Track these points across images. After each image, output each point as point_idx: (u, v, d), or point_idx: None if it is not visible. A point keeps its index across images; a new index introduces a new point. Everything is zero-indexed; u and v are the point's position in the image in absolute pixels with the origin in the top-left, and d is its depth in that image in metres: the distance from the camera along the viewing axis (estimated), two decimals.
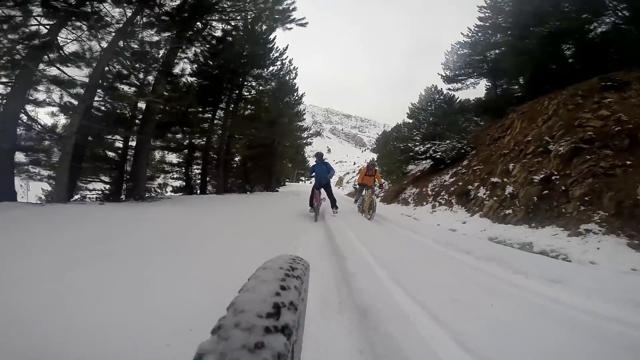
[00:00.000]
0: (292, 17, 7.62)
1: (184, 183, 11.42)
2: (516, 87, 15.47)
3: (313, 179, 7.90)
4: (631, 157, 4.96)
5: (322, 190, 7.68)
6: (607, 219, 4.27)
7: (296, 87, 15.38)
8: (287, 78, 13.85)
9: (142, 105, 7.92)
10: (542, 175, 5.88)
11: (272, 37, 11.15)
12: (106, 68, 6.56)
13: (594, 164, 5.27)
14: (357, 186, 9.73)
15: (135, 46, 6.84)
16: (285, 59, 12.27)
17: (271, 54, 11.23)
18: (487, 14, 16.29)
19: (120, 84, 7.38)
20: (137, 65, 6.95)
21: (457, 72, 16.83)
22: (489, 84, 16.48)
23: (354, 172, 53.36)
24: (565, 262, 3.68)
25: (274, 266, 0.58)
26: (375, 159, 13.98)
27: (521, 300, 2.32)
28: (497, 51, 15.43)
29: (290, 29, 7.95)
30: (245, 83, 10.45)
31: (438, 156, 11.51)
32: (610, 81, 7.55)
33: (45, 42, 5.44)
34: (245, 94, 10.82)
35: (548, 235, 4.65)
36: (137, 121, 8.22)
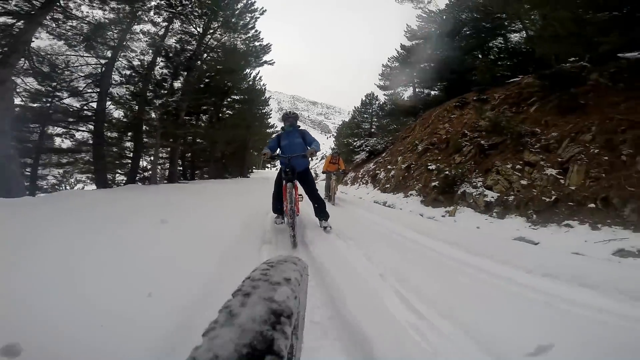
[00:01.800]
0: (264, 61, 11.55)
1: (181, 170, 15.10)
2: (437, 92, 20.36)
3: (277, 164, 4.86)
4: (441, 155, 9.56)
5: (296, 183, 4.06)
6: (420, 189, 8.80)
7: (265, 93, 19.23)
8: (258, 88, 17.63)
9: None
10: (406, 164, 10.43)
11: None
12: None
13: (427, 158, 9.86)
14: (324, 173, 9.45)
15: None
16: (258, 78, 16.26)
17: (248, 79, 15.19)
18: (415, 35, 20.85)
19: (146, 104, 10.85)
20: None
21: (390, 83, 21.43)
22: (414, 90, 21.27)
23: (317, 159, 57.37)
24: (392, 208, 8.13)
25: (271, 270, 0.56)
26: (337, 148, 18.16)
27: (372, 220, 6.54)
28: (422, 65, 20.09)
29: (261, 65, 11.88)
30: (228, 100, 14.25)
31: (368, 149, 16.03)
32: (461, 101, 12.26)
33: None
34: (227, 102, 14.65)
35: (397, 198, 9.14)
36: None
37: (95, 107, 10.07)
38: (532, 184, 5.44)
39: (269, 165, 50.66)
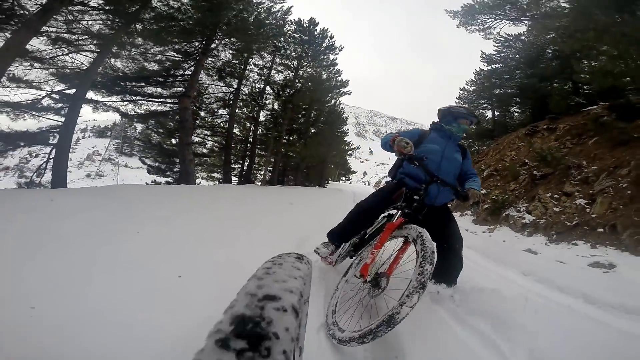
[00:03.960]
0: (343, 92, 14.01)
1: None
2: (513, 118, 20.09)
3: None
4: (502, 181, 10.38)
5: (420, 232, 1.79)
6: (475, 210, 9.83)
7: (343, 113, 21.81)
8: (337, 111, 20.26)
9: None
10: None
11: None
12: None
13: (489, 184, 10.75)
14: None
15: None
16: (338, 103, 19.10)
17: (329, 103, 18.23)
18: (492, 60, 21.03)
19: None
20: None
21: (468, 107, 21.86)
22: (493, 114, 21.28)
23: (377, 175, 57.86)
24: None
25: (276, 268, 0.57)
26: None
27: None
28: (498, 90, 20.14)
29: (342, 95, 14.29)
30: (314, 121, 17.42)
31: None
32: (531, 129, 12.62)
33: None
34: (312, 121, 17.78)
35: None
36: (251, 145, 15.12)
37: (226, 125, 13.76)
38: (562, 210, 6.39)
39: (342, 178, 53.45)
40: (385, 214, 2.43)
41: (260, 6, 10.99)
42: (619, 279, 3.93)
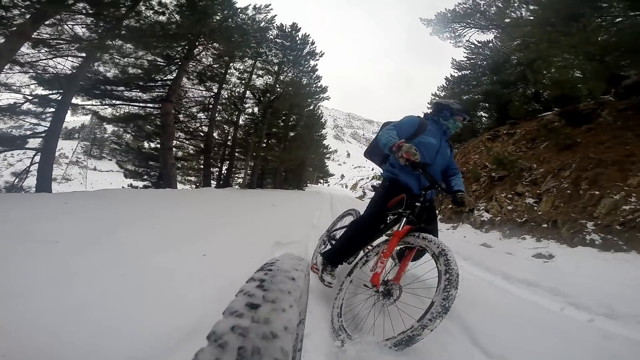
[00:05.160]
0: (322, 97, 14.64)
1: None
2: (479, 123, 21.45)
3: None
4: (465, 183, 11.27)
5: (445, 249, 1.78)
6: (442, 209, 10.62)
7: (322, 117, 22.49)
8: (316, 115, 20.86)
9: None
10: None
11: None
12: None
13: None
14: None
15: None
16: (317, 107, 19.72)
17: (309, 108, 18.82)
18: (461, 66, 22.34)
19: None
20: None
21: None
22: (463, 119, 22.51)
23: (368, 177, 59.09)
24: None
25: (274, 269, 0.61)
26: None
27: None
28: (466, 96, 21.45)
29: (321, 101, 14.92)
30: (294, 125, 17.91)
31: None
32: (493, 134, 13.68)
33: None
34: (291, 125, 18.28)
35: None
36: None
37: (204, 129, 13.92)
38: (514, 209, 7.22)
39: (321, 181, 54.14)
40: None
41: (245, 14, 11.37)
42: (553, 267, 4.68)
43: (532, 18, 12.30)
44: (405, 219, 2.04)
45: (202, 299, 1.84)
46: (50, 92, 6.73)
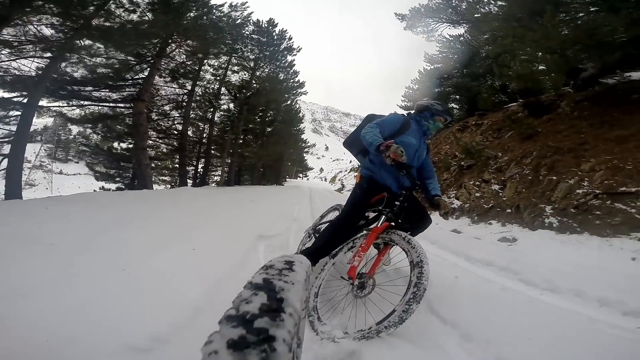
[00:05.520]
0: (300, 92, 14.73)
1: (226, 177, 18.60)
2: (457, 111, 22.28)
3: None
4: (437, 172, 11.78)
5: (423, 260, 1.83)
6: None
7: (300, 112, 22.56)
8: (294, 110, 20.91)
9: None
10: None
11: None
12: None
13: None
14: None
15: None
16: (294, 102, 19.75)
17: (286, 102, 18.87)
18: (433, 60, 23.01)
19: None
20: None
21: (413, 104, 23.73)
22: None
23: (346, 170, 59.65)
24: None
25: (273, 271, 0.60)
26: None
27: None
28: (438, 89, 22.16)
29: (299, 96, 15.00)
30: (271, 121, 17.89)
31: None
32: (463, 125, 14.29)
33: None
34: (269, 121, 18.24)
35: None
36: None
37: (178, 127, 13.66)
38: (482, 195, 7.70)
39: (300, 175, 54.22)
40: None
41: (220, 12, 11.21)
42: (516, 249, 5.07)
43: (500, 13, 12.89)
44: (384, 216, 2.16)
45: (196, 286, 2.15)
46: (15, 95, 6.46)
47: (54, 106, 9.00)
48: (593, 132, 6.83)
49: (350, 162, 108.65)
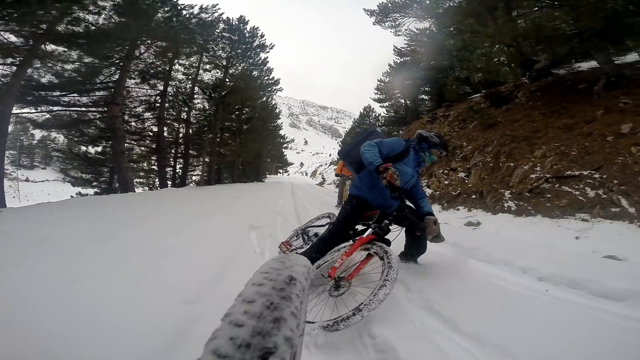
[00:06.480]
0: (275, 89, 14.92)
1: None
2: (421, 106, 23.14)
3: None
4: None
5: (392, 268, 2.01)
6: None
7: (276, 109, 22.70)
8: (270, 106, 21.01)
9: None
10: None
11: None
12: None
13: None
14: (339, 176, 9.12)
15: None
16: (270, 98, 19.92)
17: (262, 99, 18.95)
18: (402, 53, 23.69)
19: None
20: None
21: (385, 97, 24.35)
22: (405, 104, 24.08)
23: (326, 164, 59.91)
24: None
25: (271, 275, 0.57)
26: None
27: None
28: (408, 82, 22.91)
29: (274, 93, 15.19)
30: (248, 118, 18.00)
31: None
32: (432, 116, 14.95)
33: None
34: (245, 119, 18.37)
35: None
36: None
37: (153, 129, 13.52)
38: (450, 183, 8.29)
39: (280, 171, 54.14)
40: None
41: (189, 13, 11.15)
42: (480, 232, 5.62)
43: (462, 7, 13.51)
44: (371, 229, 2.44)
45: (209, 265, 2.84)
46: None
47: (24, 112, 8.76)
48: (544, 120, 7.50)
49: (330, 155, 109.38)
